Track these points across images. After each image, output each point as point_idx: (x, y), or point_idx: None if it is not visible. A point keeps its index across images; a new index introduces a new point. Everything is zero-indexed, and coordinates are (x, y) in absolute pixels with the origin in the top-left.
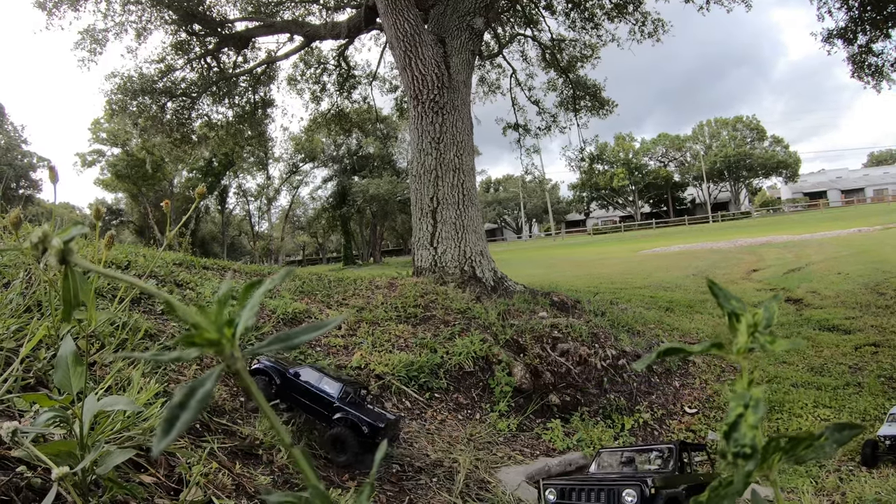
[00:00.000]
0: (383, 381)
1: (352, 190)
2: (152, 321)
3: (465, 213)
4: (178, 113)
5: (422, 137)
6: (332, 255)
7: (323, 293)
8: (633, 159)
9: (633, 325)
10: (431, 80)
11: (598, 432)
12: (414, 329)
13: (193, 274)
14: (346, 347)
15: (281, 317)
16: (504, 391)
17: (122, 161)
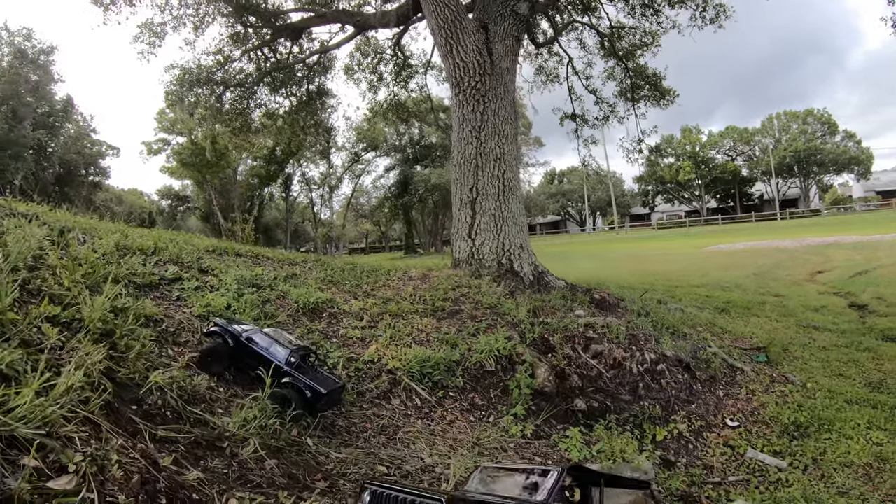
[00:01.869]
0: (394, 377)
1: (414, 179)
2: (164, 308)
3: (505, 205)
4: (236, 102)
5: (462, 126)
6: (394, 244)
7: (352, 283)
8: (700, 152)
9: (678, 326)
10: (473, 67)
11: (621, 443)
12: (438, 323)
13: (222, 261)
14: (363, 339)
15: (301, 306)
16: (523, 393)
17: (187, 149)
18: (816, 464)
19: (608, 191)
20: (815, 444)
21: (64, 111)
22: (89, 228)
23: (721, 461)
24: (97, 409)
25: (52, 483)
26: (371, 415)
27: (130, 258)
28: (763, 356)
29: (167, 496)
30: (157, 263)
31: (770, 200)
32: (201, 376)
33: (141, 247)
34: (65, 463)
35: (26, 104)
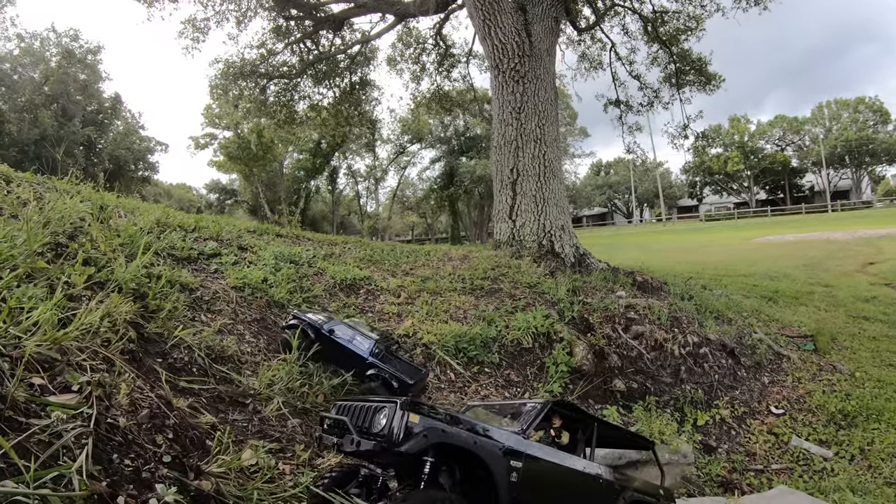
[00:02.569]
0: (429, 351)
1: (459, 170)
2: (200, 278)
3: (546, 186)
4: (280, 95)
5: (503, 107)
6: (440, 236)
7: (391, 263)
8: (749, 142)
9: (723, 311)
10: (512, 48)
11: (660, 424)
12: (477, 301)
13: (262, 240)
14: (399, 315)
15: (338, 282)
16: (560, 371)
17: (234, 143)
18: (863, 454)
19: (655, 182)
20: (862, 434)
21: (112, 108)
22: (132, 208)
23: (764, 448)
24: (117, 351)
25: (53, 397)
26: None
27: (170, 233)
28: (810, 344)
29: (175, 432)
30: (196, 239)
31: (821, 192)
32: (232, 339)
33: (181, 224)
34: (70, 383)
35: (75, 102)
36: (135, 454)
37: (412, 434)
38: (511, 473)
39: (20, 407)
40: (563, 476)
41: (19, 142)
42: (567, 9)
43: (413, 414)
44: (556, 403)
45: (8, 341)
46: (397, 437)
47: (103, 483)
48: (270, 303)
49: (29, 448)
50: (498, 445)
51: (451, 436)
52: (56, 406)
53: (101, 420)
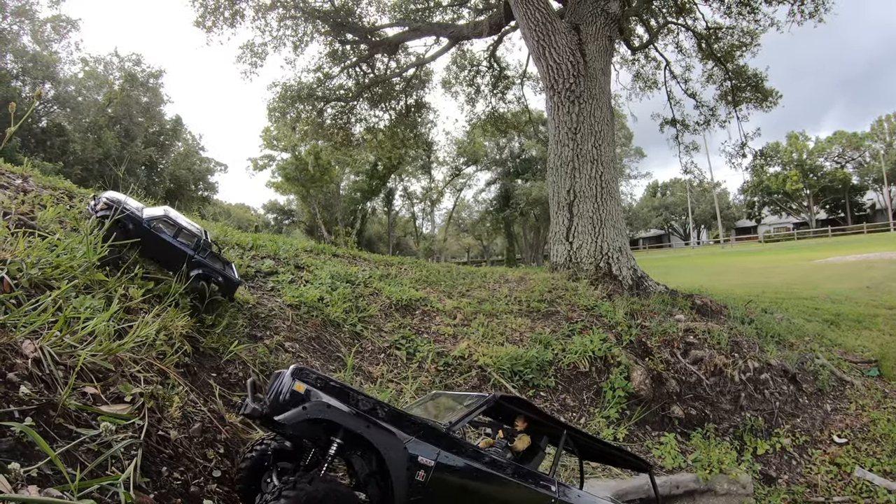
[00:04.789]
0: (484, 373)
1: (515, 193)
2: (257, 296)
3: (603, 207)
4: (337, 117)
5: (558, 128)
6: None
7: (447, 284)
8: (807, 160)
9: (784, 336)
10: (566, 68)
11: (719, 453)
12: (533, 324)
13: (318, 259)
14: (454, 336)
15: (394, 302)
16: (618, 396)
17: (291, 165)
18: None
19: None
20: None
21: (173, 130)
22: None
23: (826, 479)
24: (171, 364)
25: (105, 407)
26: None
27: (228, 251)
28: (875, 370)
29: (226, 447)
30: (254, 257)
31: (882, 210)
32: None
33: (240, 242)
34: (123, 394)
35: (137, 124)
36: (184, 467)
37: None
38: (416, 471)
39: (71, 415)
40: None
41: (83, 160)
42: (620, 28)
43: (299, 382)
44: (504, 399)
45: (63, 350)
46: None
47: (150, 496)
48: (326, 321)
49: (77, 457)
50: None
51: (335, 414)
52: (107, 416)
53: (153, 432)
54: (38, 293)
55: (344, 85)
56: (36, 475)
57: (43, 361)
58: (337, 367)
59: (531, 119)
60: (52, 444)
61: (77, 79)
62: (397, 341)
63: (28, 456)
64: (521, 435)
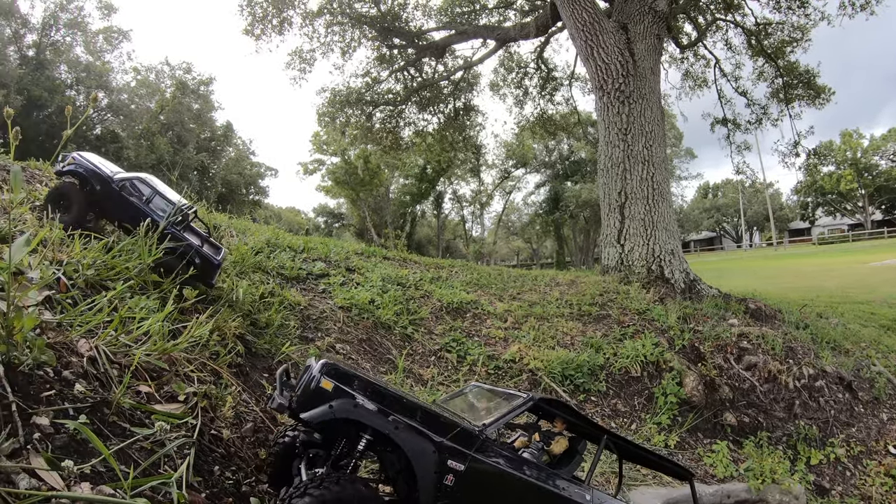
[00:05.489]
0: (535, 377)
1: (564, 195)
2: (309, 298)
3: (655, 209)
4: (386, 121)
5: (608, 129)
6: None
7: (498, 287)
8: (862, 159)
9: (840, 341)
10: (615, 68)
11: (772, 462)
12: (584, 327)
13: (369, 262)
14: (505, 339)
15: (445, 305)
16: (669, 402)
17: (341, 169)
18: None
19: (765, 204)
20: None
21: (224, 136)
22: (243, 228)
23: (881, 492)
24: (224, 364)
25: (158, 406)
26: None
27: (280, 253)
28: None
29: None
30: (305, 260)
31: None
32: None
33: (291, 244)
34: (177, 393)
35: (189, 130)
36: (236, 467)
37: (319, 402)
38: (444, 475)
39: (125, 413)
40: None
41: (137, 166)
42: (668, 26)
43: (326, 379)
44: (543, 400)
45: (118, 349)
46: (302, 401)
47: (202, 495)
48: (377, 324)
49: (130, 455)
50: (432, 438)
51: (362, 414)
52: (161, 415)
53: (205, 431)
54: (94, 293)
55: (392, 89)
56: (89, 472)
57: (98, 360)
58: (388, 369)
59: (580, 120)
60: (106, 441)
61: (129, 87)
62: (448, 344)
63: (82, 453)
64: (558, 438)
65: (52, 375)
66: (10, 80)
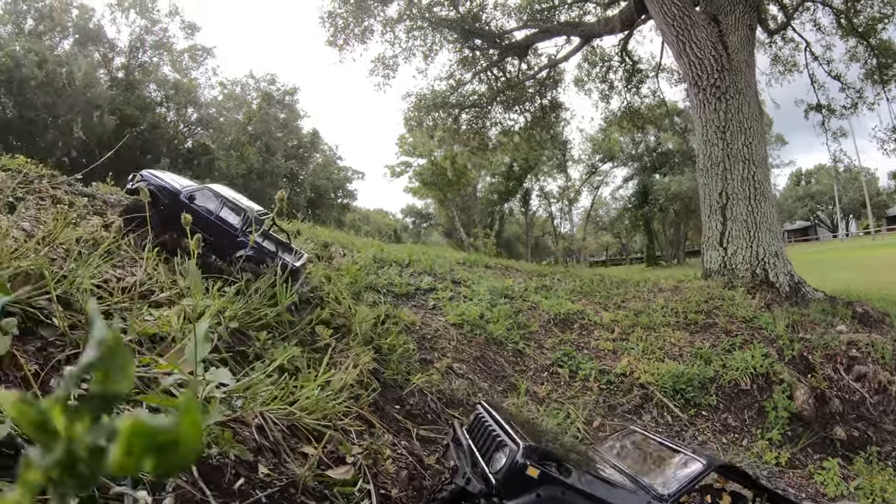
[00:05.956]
0: (646, 392)
1: (653, 188)
2: (421, 315)
3: (757, 210)
4: (472, 123)
5: (706, 127)
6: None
7: (601, 295)
8: None
9: None
10: (709, 63)
11: (882, 480)
12: (692, 337)
13: (473, 273)
14: (614, 352)
15: (552, 317)
16: (780, 417)
17: (428, 170)
18: None
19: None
20: None
21: (311, 142)
22: (346, 243)
23: None
24: (366, 405)
25: (331, 472)
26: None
27: (388, 269)
28: None
29: (430, 494)
30: (412, 274)
31: None
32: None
33: (396, 259)
34: (342, 454)
35: (277, 139)
36: None
37: (525, 491)
38: None
39: (309, 490)
40: None
41: (228, 175)
42: (760, 15)
43: (533, 467)
44: (722, 468)
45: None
46: (505, 488)
47: None
48: (489, 340)
49: None
50: None
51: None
52: (337, 483)
53: (374, 492)
54: (238, 343)
55: (477, 90)
56: None
57: (265, 427)
58: (504, 387)
59: (668, 112)
60: None
61: (217, 101)
62: (559, 359)
63: None
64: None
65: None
66: (103, 102)
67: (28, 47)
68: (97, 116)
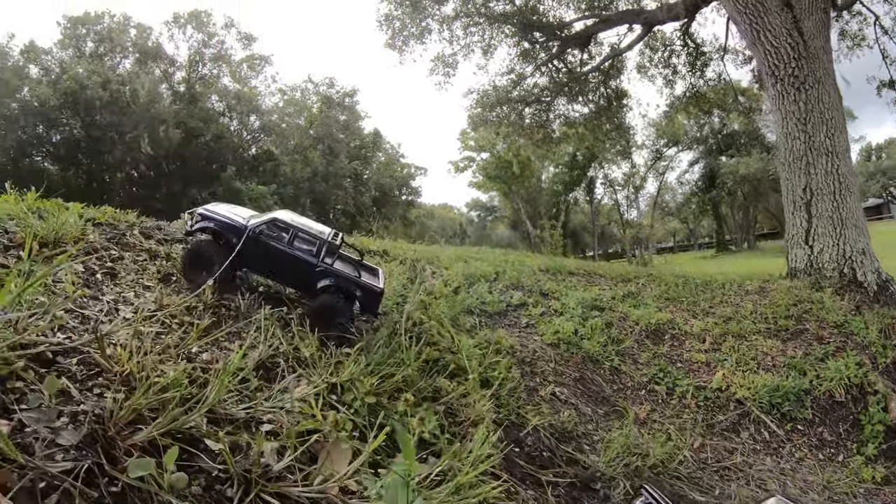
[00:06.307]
0: (744, 408)
1: (720, 171)
2: (516, 335)
3: (842, 205)
4: (536, 116)
5: (786, 119)
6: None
7: (688, 300)
8: None
9: None
10: (785, 51)
11: None
12: (783, 345)
13: (559, 282)
14: (707, 364)
15: (643, 328)
16: (875, 430)
17: (491, 164)
18: None
19: None
20: None
21: (373, 142)
22: (432, 258)
23: None
24: (497, 463)
25: None
26: (721, 448)
27: (477, 287)
28: None
29: None
30: (501, 290)
31: None
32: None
33: (484, 274)
34: None
35: (339, 141)
36: None
37: None
38: None
39: None
40: None
41: (293, 180)
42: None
43: None
44: None
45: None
46: None
47: None
48: (585, 358)
49: None
50: None
51: None
52: None
53: None
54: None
55: (539, 83)
56: None
57: None
58: (606, 411)
59: (736, 97)
60: None
61: (278, 107)
62: (656, 375)
63: None
64: None
65: None
66: (168, 116)
67: (91, 69)
68: (163, 131)
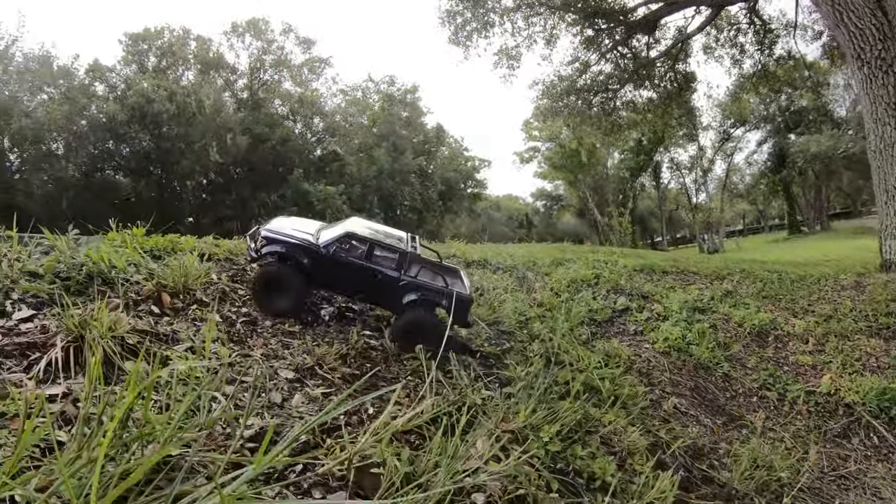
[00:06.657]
0: (852, 412)
1: (790, 150)
2: (627, 343)
3: None
4: (604, 104)
5: (874, 104)
6: (773, 223)
7: (786, 298)
8: None
9: None
10: (871, 32)
11: None
12: (886, 345)
13: (655, 283)
14: (813, 367)
15: (747, 330)
16: None
17: (557, 154)
18: None
19: None
20: None
21: (437, 137)
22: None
23: None
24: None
25: None
26: (835, 456)
27: (582, 293)
28: None
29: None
30: (603, 295)
31: None
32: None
33: (584, 278)
34: None
35: (403, 138)
36: None
37: None
38: None
39: None
40: None
41: (360, 178)
42: None
43: None
44: None
45: None
46: None
47: None
48: (697, 365)
49: None
50: None
51: None
52: None
53: None
54: None
55: (604, 71)
56: None
57: None
58: (725, 421)
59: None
60: None
61: (341, 108)
62: (765, 380)
63: None
64: None
65: None
66: (234, 124)
67: (155, 83)
68: (230, 138)
